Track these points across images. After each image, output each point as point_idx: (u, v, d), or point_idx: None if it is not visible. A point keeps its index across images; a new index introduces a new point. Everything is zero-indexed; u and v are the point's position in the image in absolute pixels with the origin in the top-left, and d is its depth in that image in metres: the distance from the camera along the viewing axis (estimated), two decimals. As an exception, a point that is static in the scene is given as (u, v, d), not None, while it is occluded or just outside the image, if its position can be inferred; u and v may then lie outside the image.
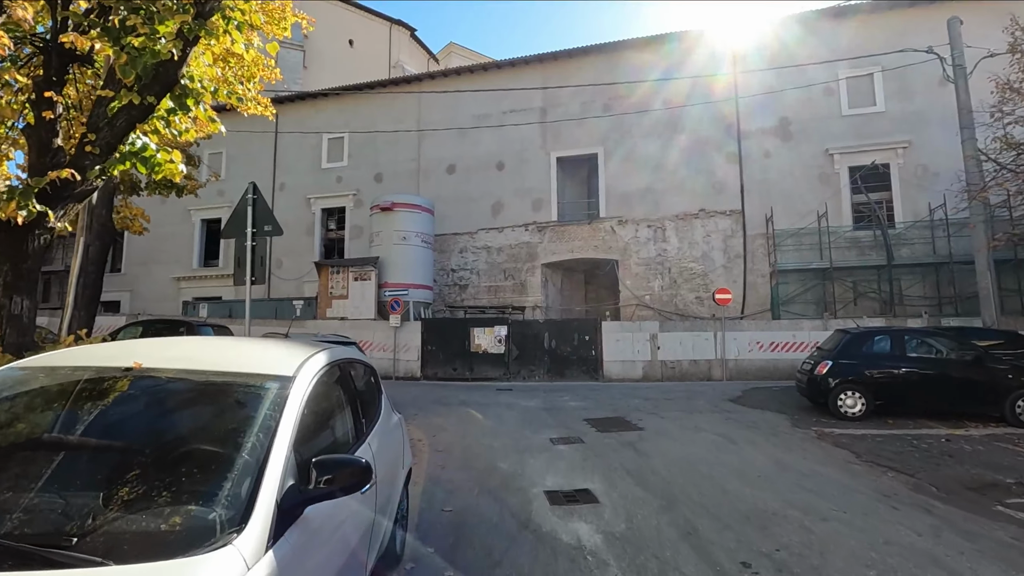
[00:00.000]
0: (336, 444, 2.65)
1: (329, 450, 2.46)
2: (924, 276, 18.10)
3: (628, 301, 20.32)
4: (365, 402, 3.41)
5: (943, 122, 18.25)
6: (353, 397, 3.11)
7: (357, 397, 3.20)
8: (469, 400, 12.15)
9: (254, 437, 2.01)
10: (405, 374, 17.59)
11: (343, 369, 3.06)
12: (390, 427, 3.71)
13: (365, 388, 3.61)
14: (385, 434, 3.47)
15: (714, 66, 20.06)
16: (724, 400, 11.22)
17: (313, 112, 24.48)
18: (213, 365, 2.43)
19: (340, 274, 18.31)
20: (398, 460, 3.75)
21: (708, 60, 20.07)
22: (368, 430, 3.13)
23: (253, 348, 2.85)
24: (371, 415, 3.38)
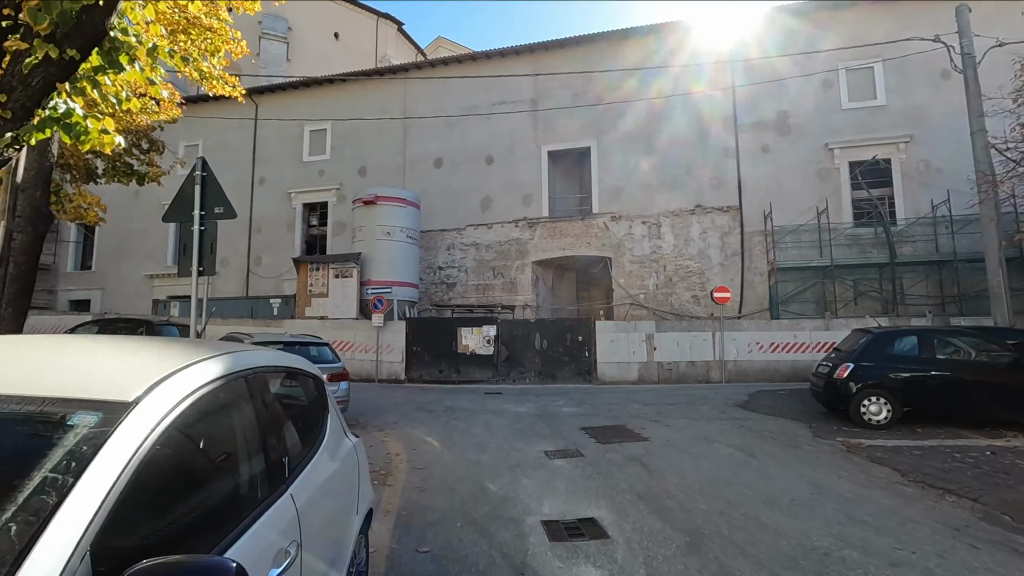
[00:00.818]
0: (214, 515, 1.61)
1: (198, 528, 1.46)
2: (927, 274, 17.37)
3: (622, 300, 19.40)
4: (298, 430, 2.39)
5: (945, 116, 17.61)
6: (272, 426, 2.09)
7: (279, 425, 2.18)
8: (455, 406, 11.13)
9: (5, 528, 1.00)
10: (388, 376, 16.52)
11: (255, 385, 2.02)
12: (338, 460, 2.69)
13: (299, 410, 2.59)
14: (326, 473, 2.45)
15: (710, 57, 19.21)
16: (731, 405, 10.30)
17: (294, 103, 23.31)
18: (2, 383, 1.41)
19: (320, 271, 17.20)
20: (348, 506, 2.72)
21: (704, 51, 19.22)
22: (295, 472, 2.12)
23: (91, 354, 1.80)
24: (304, 448, 2.36)
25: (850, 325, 15.84)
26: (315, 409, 2.72)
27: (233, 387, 1.85)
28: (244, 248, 23.01)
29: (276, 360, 2.44)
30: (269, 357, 2.35)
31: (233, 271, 23.00)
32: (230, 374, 1.85)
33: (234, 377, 1.87)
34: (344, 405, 8.24)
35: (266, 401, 2.11)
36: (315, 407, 2.73)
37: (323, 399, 2.83)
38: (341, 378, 8.20)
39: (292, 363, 2.62)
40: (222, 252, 23.08)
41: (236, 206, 22.05)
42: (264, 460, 1.90)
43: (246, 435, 1.88)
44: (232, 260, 23.10)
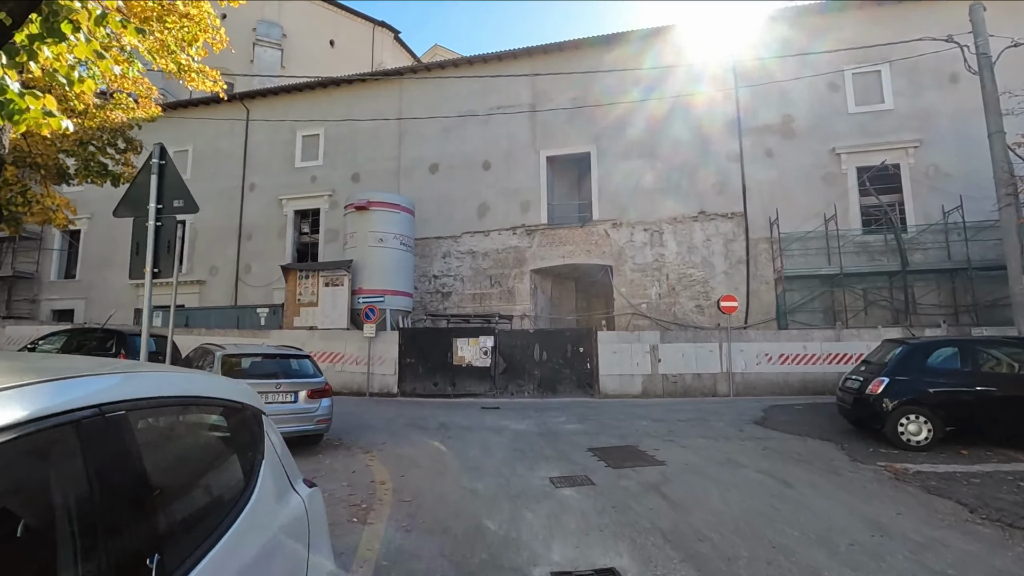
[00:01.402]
0: None
1: None
2: (939, 283, 16.64)
3: (623, 310, 18.58)
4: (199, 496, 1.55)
5: (954, 120, 17.01)
6: (135, 500, 1.25)
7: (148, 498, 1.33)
8: (450, 422, 10.24)
9: None
10: (380, 390, 15.60)
11: (99, 434, 1.17)
12: (274, 529, 1.82)
13: (207, 463, 1.74)
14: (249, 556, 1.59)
15: (712, 60, 18.57)
16: (747, 422, 9.45)
17: (287, 108, 22.55)
18: None
19: (309, 279, 16.32)
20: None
21: (706, 54, 18.58)
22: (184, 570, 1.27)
23: None
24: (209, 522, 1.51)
25: (862, 336, 15.10)
26: (240, 458, 1.86)
27: (42, 440, 1.01)
28: (233, 256, 22.11)
29: (172, 387, 1.58)
30: (156, 383, 1.50)
31: (222, 280, 22.09)
32: (38, 419, 1.01)
33: (49, 423, 1.03)
34: (326, 424, 7.36)
35: (125, 457, 1.25)
36: (241, 454, 1.87)
37: (256, 441, 1.96)
38: (323, 394, 7.33)
39: (205, 390, 1.76)
40: (211, 260, 22.23)
41: (226, 213, 21.31)
42: (112, 548, 1.05)
43: (65, 524, 1.03)
44: (221, 268, 22.20)
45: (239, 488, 1.74)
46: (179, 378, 1.72)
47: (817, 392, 14.82)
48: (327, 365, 15.82)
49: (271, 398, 6.89)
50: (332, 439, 8.31)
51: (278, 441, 2.12)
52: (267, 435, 2.03)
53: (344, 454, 7.32)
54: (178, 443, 1.66)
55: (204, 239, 22.59)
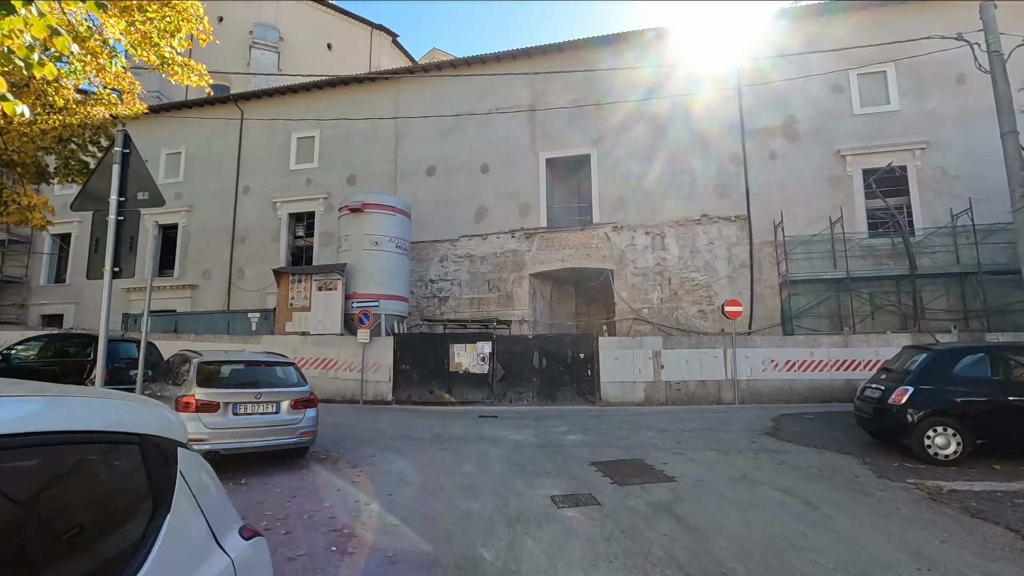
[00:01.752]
0: None
1: None
2: (948, 287, 16.15)
3: (624, 315, 18.07)
4: None
5: (961, 122, 16.60)
6: None
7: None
8: (445, 433, 9.69)
9: None
10: (375, 397, 15.04)
11: None
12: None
13: (64, 524, 1.21)
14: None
15: (714, 60, 18.15)
16: (757, 433, 8.92)
17: (282, 109, 22.07)
18: None
19: (302, 283, 15.79)
20: None
21: (708, 55, 18.15)
22: None
23: None
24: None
25: (871, 342, 14.60)
26: (128, 514, 1.33)
27: None
28: (226, 260, 21.58)
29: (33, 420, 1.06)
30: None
31: (215, 284, 21.55)
32: None
33: None
34: (310, 436, 6.82)
35: None
36: (129, 510, 1.34)
37: (161, 488, 1.43)
38: (308, 404, 6.79)
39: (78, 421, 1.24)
40: (204, 264, 21.69)
41: (220, 216, 20.81)
42: None
43: None
44: (214, 272, 21.67)
45: (122, 558, 1.21)
46: (29, 408, 1.19)
47: (825, 400, 14.31)
48: (319, 372, 15.28)
49: (251, 408, 6.35)
50: (318, 451, 7.77)
51: (201, 481, 1.59)
52: (181, 476, 1.50)
53: (329, 469, 6.77)
54: (32, 498, 1.14)
55: (197, 243, 22.07)
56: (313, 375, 15.22)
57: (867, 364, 14.47)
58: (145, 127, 23.26)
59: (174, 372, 6.93)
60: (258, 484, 6.00)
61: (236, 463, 6.64)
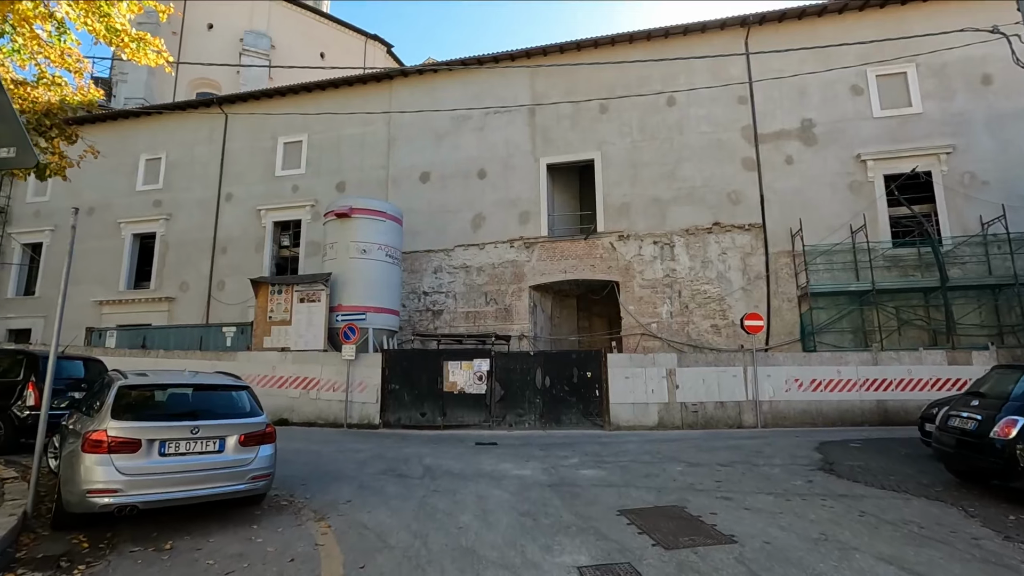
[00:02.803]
0: None
1: None
2: (980, 300, 14.85)
3: (631, 330, 16.63)
4: None
5: (989, 124, 15.46)
6: None
7: None
8: (438, 466, 8.15)
9: None
10: (360, 420, 13.46)
11: None
12: None
13: None
14: None
15: (725, 61, 17.00)
16: (807, 467, 7.45)
17: (268, 114, 20.73)
18: None
19: (283, 294, 14.29)
20: None
21: (719, 53, 16.99)
22: None
23: None
24: None
25: (902, 359, 13.23)
26: None
27: None
28: (207, 271, 20.04)
29: None
30: None
31: (193, 296, 19.97)
32: None
33: None
34: (264, 481, 5.28)
35: None
36: None
37: None
38: (262, 439, 5.26)
39: None
40: (183, 275, 20.14)
41: (201, 225, 19.11)
42: None
43: None
44: (193, 284, 20.09)
45: None
46: None
47: (855, 423, 12.90)
48: (300, 392, 13.73)
49: (185, 446, 4.83)
50: (280, 495, 6.23)
51: None
52: None
53: (289, 522, 5.24)
54: None
55: (176, 253, 20.53)
56: (292, 396, 13.67)
57: (899, 384, 13.11)
58: (124, 131, 21.93)
59: (96, 398, 5.41)
60: (187, 551, 4.47)
61: (165, 518, 5.11)
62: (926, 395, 12.97)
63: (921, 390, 13.02)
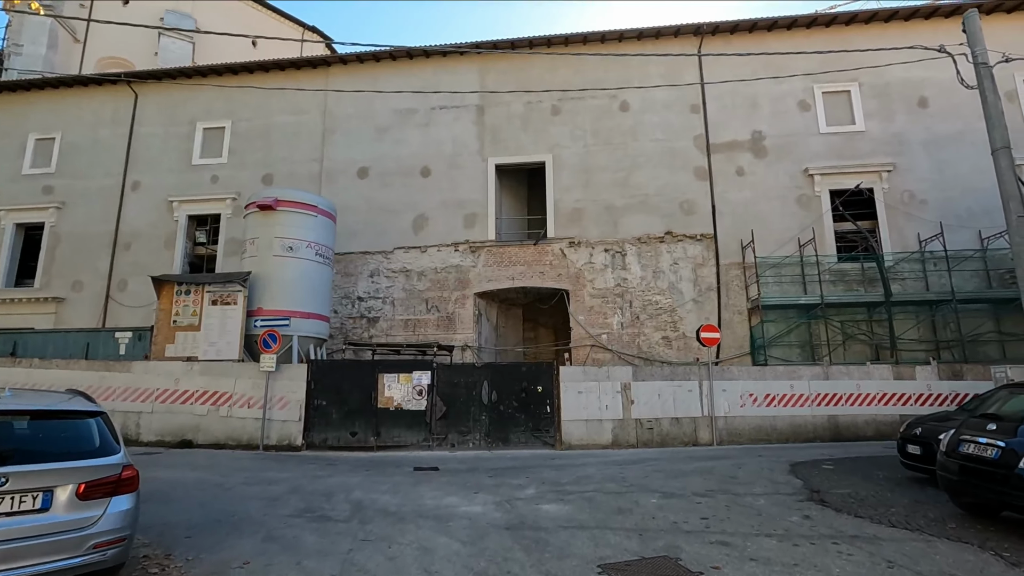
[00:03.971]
0: None
1: None
2: (918, 316, 14.94)
3: (581, 341, 15.65)
4: None
5: (926, 145, 15.73)
6: None
7: None
8: (369, 502, 6.66)
9: None
10: (279, 441, 11.62)
11: None
12: None
13: None
14: None
15: (679, 69, 16.56)
16: (793, 497, 6.56)
17: (187, 96, 18.43)
18: None
19: (192, 295, 12.25)
20: None
21: (673, 63, 16.55)
22: None
23: None
24: None
25: (851, 373, 12.93)
26: None
27: None
28: (105, 269, 17.38)
29: None
30: None
31: (88, 297, 17.23)
32: None
33: None
34: (116, 548, 3.66)
35: None
36: None
37: None
38: (114, 490, 3.66)
39: None
40: (76, 273, 17.43)
41: (101, 216, 16.38)
42: None
43: None
44: (88, 284, 17.35)
45: None
46: None
47: (808, 439, 12.44)
48: (208, 409, 11.73)
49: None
50: (152, 556, 4.60)
51: None
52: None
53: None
54: None
55: (69, 247, 17.71)
56: (199, 413, 11.67)
57: (848, 398, 12.79)
58: (12, 105, 18.94)
59: None
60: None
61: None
62: (874, 410, 12.76)
63: (869, 405, 12.77)
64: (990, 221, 14.85)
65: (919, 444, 7.05)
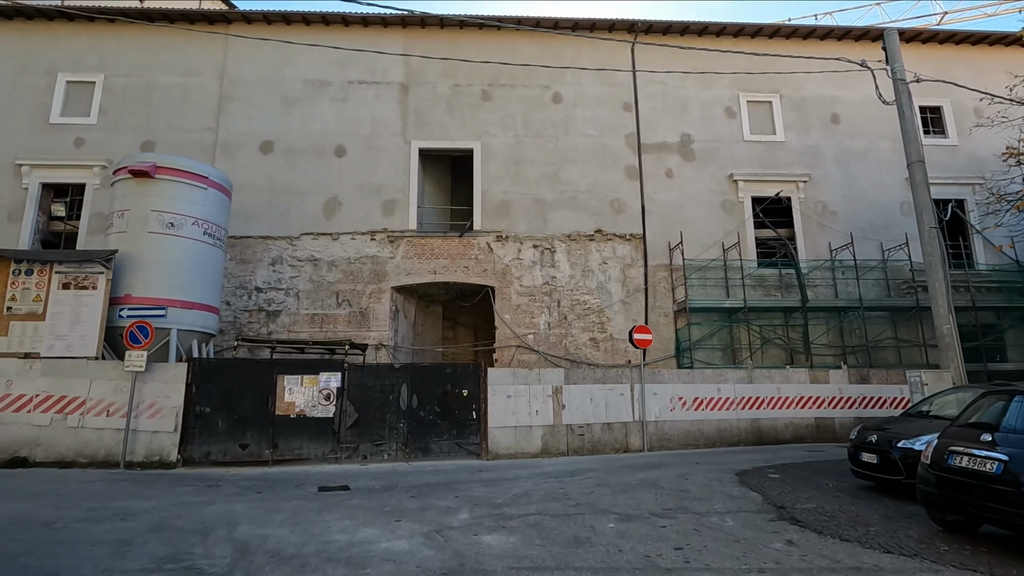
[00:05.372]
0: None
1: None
2: (828, 322, 15.42)
3: (506, 341, 14.62)
4: None
5: (837, 159, 16.37)
6: None
7: None
8: (257, 542, 5.10)
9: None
10: (147, 457, 9.47)
11: None
12: None
13: None
14: None
15: (612, 65, 16.07)
16: (758, 514, 5.87)
17: (47, 42, 15.29)
18: None
19: (34, 275, 9.73)
20: None
21: (607, 58, 16.03)
22: None
23: None
24: None
25: (772, 377, 12.92)
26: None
27: None
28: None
29: None
30: None
31: None
32: None
33: None
34: None
35: None
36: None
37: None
38: None
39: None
40: None
41: None
42: None
43: None
44: (-102, 261, 13.73)
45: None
46: None
47: (732, 443, 12.23)
48: (52, 418, 9.35)
49: None
50: None
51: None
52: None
53: None
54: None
55: None
56: (39, 423, 9.28)
57: (770, 402, 12.75)
58: None
59: None
60: None
61: None
62: (792, 413, 12.81)
63: (788, 408, 12.82)
64: (888, 234, 15.71)
65: (875, 452, 6.67)
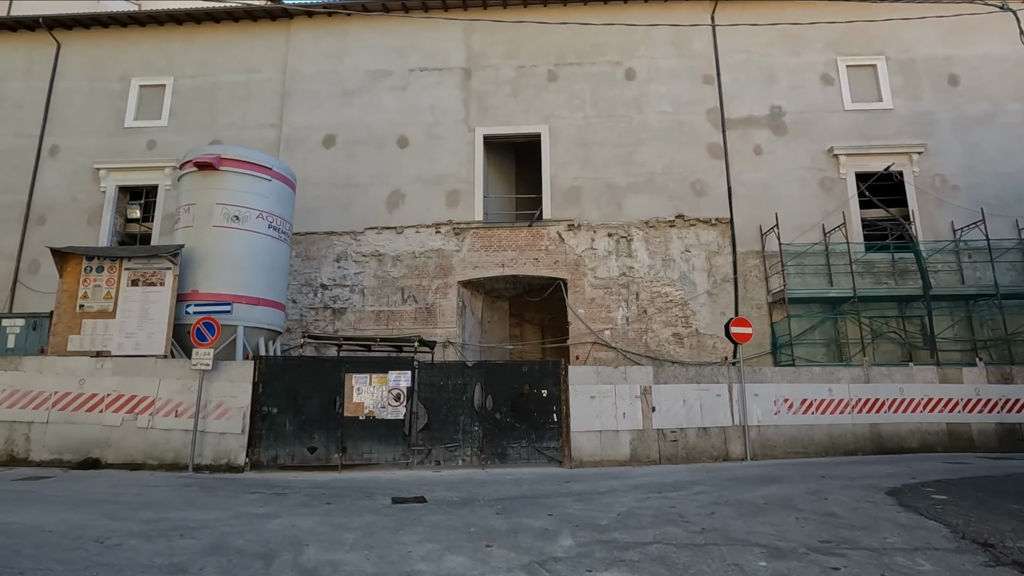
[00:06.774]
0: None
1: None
2: (953, 312, 13.33)
3: (581, 337, 13.48)
4: None
5: (957, 128, 14.19)
6: None
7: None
8: (326, 569, 4.23)
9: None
10: (216, 460, 8.99)
11: None
12: None
13: None
14: None
15: (690, 36, 14.64)
16: (955, 551, 4.48)
17: (118, 47, 15.50)
18: None
19: (104, 272, 9.51)
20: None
21: (683, 28, 14.60)
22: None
23: None
24: None
25: (893, 376, 11.12)
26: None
27: None
28: (14, 248, 14.32)
29: None
30: None
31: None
32: None
33: None
34: None
35: None
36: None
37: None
38: None
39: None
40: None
41: (8, 185, 10.82)
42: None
43: None
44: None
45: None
46: None
47: (848, 452, 10.59)
48: (122, 419, 9.02)
49: None
50: None
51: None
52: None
53: None
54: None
55: (-33, 221, 14.57)
56: (111, 423, 8.97)
57: (891, 404, 10.97)
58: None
59: None
60: None
61: None
62: (918, 417, 11.01)
63: (913, 411, 11.04)
64: (1021, 210, 13.47)
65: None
